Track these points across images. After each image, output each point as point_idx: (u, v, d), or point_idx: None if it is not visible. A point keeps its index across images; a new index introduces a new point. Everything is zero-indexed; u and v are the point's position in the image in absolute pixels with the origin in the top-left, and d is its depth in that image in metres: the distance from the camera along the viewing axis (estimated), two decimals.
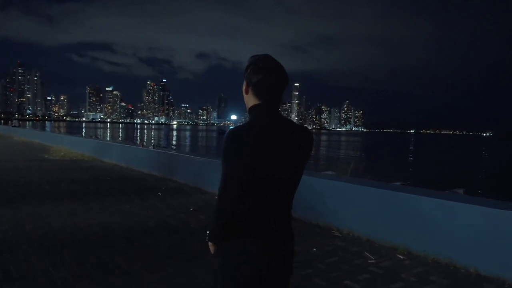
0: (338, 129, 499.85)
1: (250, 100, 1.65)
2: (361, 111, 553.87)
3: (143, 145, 10.63)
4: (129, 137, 67.68)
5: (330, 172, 12.09)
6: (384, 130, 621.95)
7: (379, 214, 4.67)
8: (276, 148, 1.53)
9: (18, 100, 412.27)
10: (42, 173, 9.38)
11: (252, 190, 1.51)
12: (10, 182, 7.93)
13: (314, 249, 4.33)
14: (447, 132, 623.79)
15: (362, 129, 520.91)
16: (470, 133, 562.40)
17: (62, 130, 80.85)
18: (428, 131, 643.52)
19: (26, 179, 8.41)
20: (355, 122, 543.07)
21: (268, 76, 1.61)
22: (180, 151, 12.67)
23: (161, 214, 5.74)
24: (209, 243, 1.62)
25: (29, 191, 7.12)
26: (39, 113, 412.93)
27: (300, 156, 1.63)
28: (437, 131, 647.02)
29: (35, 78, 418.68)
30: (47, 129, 74.49)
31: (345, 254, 4.21)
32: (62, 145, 16.82)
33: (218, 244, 1.58)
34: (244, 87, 1.67)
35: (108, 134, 73.79)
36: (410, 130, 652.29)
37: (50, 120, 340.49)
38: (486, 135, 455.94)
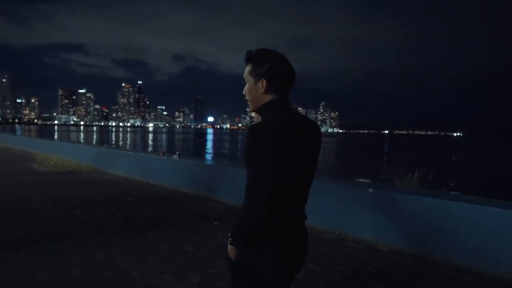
0: None
1: (263, 97, 1.56)
2: (336, 113, 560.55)
3: (163, 154, 8.66)
4: (104, 140, 64.46)
5: (362, 180, 10.44)
6: (359, 131, 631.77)
7: None
8: (297, 145, 1.47)
9: None
10: (41, 191, 7.27)
11: (277, 189, 1.42)
12: (2, 208, 5.86)
13: None
14: (420, 133, 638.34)
15: (338, 130, 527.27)
16: (442, 133, 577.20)
17: (33, 133, 76.51)
18: (401, 132, 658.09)
19: (23, 202, 6.33)
20: (331, 124, 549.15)
21: (284, 70, 1.56)
22: (219, 161, 10.80)
23: None
24: (230, 247, 1.51)
25: (34, 224, 5.07)
26: (8, 116, 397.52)
27: (315, 153, 1.57)
28: (410, 132, 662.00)
29: (4, 80, 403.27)
30: (18, 132, 70.18)
31: None
32: (49, 152, 14.59)
33: (241, 248, 1.49)
34: (252, 84, 1.57)
35: (82, 137, 69.73)
36: (384, 130, 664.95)
37: (20, 123, 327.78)
38: (456, 135, 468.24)
